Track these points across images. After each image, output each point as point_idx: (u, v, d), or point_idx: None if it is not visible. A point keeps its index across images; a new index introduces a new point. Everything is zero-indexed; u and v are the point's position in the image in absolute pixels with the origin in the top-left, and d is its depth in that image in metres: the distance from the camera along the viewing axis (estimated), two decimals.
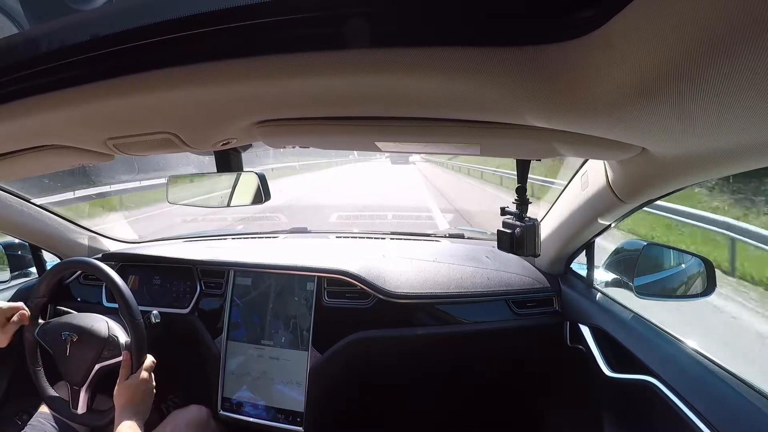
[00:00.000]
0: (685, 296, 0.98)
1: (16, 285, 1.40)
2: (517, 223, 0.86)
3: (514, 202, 0.88)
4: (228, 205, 1.04)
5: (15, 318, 1.05)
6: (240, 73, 0.34)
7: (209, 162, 0.85)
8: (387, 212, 7.14)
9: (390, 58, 0.31)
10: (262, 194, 0.98)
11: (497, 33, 0.27)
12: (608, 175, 0.78)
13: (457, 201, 9.42)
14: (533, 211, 0.87)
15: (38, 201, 1.32)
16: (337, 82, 0.36)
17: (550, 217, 1.13)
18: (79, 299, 1.38)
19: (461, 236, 1.65)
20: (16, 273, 1.43)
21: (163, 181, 1.13)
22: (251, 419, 1.21)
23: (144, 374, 0.99)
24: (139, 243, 1.66)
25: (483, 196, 10.50)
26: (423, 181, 15.02)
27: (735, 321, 3.35)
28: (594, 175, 0.85)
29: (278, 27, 0.28)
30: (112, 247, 1.56)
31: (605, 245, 1.23)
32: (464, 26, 0.27)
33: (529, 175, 0.84)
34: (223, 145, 0.65)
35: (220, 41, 0.30)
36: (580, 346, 1.08)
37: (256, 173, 0.95)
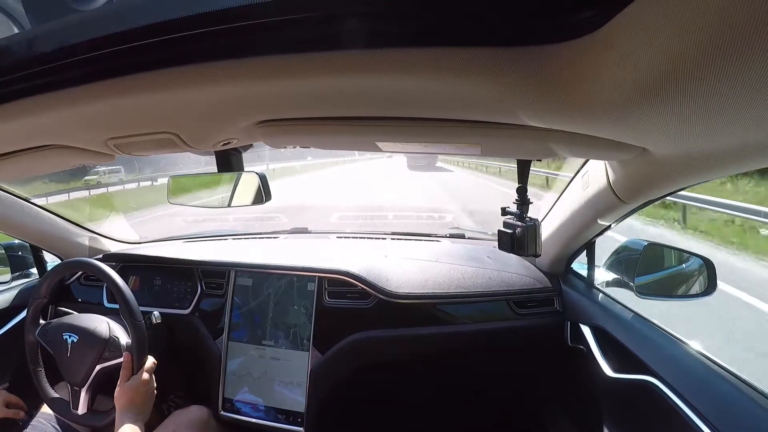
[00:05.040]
0: (685, 296, 0.98)
1: (17, 286, 1.40)
2: (518, 223, 0.86)
3: (514, 202, 0.88)
4: (229, 206, 1.04)
5: (10, 411, 1.13)
6: (240, 74, 0.34)
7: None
8: (388, 212, 7.13)
9: (390, 58, 0.31)
10: (263, 194, 0.98)
11: (497, 33, 0.27)
12: (609, 175, 0.78)
13: None
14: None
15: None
16: (337, 82, 0.36)
17: (551, 217, 1.13)
18: (80, 300, 1.38)
19: (462, 236, 1.65)
20: (17, 274, 1.43)
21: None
22: (252, 420, 1.21)
23: (145, 376, 0.99)
24: (139, 243, 1.66)
25: None
26: None
27: None
28: (595, 175, 0.84)
29: (278, 27, 0.28)
30: (113, 247, 1.57)
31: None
32: (465, 26, 0.27)
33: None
34: (224, 145, 0.65)
35: (221, 41, 0.30)
36: (581, 346, 1.08)
37: (257, 173, 0.95)
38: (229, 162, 0.83)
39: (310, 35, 0.29)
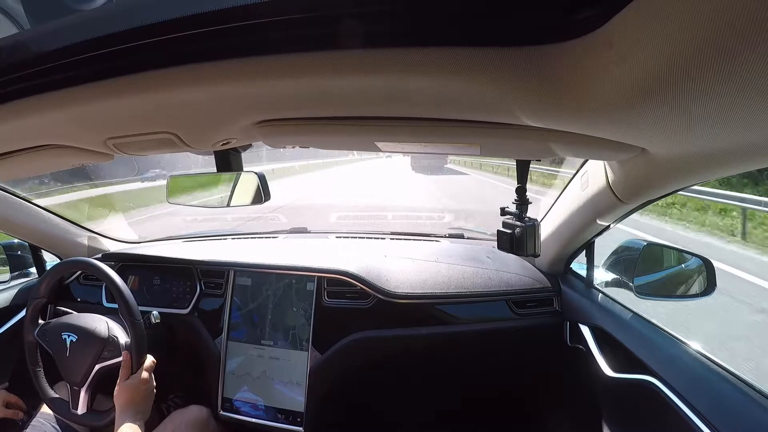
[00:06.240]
0: (685, 296, 0.98)
1: (16, 285, 1.40)
2: (517, 223, 0.86)
3: (514, 202, 0.88)
4: (228, 205, 1.04)
5: (9, 411, 1.13)
6: (240, 73, 0.34)
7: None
8: (387, 212, 7.12)
9: (390, 58, 0.31)
10: (261, 194, 0.98)
11: (497, 33, 0.27)
12: (608, 175, 0.78)
13: None
14: None
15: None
16: (337, 82, 0.36)
17: (550, 217, 1.13)
18: (79, 299, 1.38)
19: (461, 236, 1.65)
20: (16, 273, 1.44)
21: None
22: (251, 419, 1.21)
23: (144, 374, 0.99)
24: (138, 243, 1.66)
25: None
26: None
27: None
28: (594, 175, 0.85)
29: (278, 27, 0.28)
30: (112, 247, 1.56)
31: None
32: (464, 26, 0.27)
33: None
34: (223, 144, 0.65)
35: (220, 41, 0.30)
36: (580, 346, 1.08)
37: (256, 173, 0.95)
38: (228, 162, 0.83)
39: (309, 35, 0.29)
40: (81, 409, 1.03)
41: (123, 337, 1.04)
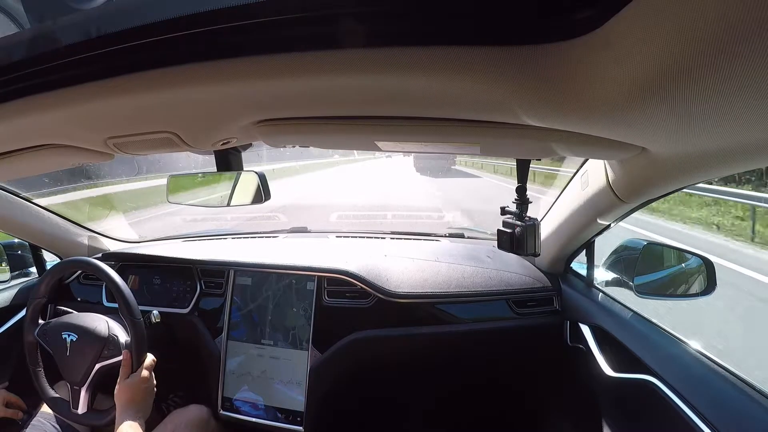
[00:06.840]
0: (685, 295, 0.98)
1: (16, 285, 1.40)
2: (518, 222, 0.86)
3: (514, 202, 0.88)
4: (228, 205, 1.04)
5: (10, 411, 1.13)
6: (239, 73, 0.34)
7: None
8: (387, 212, 7.12)
9: (390, 57, 0.31)
10: (262, 194, 0.98)
11: (496, 32, 0.27)
12: (608, 174, 0.78)
13: None
14: None
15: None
16: (337, 81, 0.36)
17: (550, 216, 1.13)
18: (79, 299, 1.38)
19: (461, 236, 1.65)
20: (17, 273, 1.43)
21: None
22: (251, 419, 1.22)
23: (144, 373, 0.99)
24: (139, 243, 1.66)
25: None
26: None
27: None
28: (594, 174, 0.85)
29: (278, 27, 0.28)
30: (112, 246, 1.56)
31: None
32: (464, 25, 0.27)
33: None
34: (223, 144, 0.65)
35: (219, 41, 0.30)
36: (581, 346, 1.08)
37: (256, 172, 0.95)
38: (228, 161, 0.83)
39: (309, 34, 0.29)
40: (81, 408, 1.03)
41: (123, 336, 1.04)
